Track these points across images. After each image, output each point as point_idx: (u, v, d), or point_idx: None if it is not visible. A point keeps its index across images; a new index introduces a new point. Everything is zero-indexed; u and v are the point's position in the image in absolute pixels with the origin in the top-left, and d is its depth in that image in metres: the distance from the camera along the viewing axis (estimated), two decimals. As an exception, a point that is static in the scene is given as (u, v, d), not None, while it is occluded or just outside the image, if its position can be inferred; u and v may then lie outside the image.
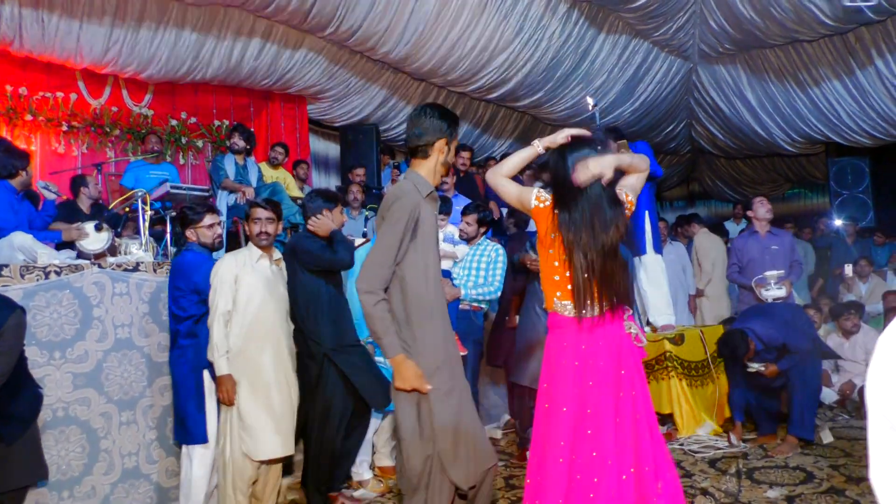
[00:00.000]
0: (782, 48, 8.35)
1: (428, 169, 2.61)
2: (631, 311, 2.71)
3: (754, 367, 4.48)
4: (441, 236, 4.50)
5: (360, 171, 7.25)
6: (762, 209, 5.53)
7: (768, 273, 5.14)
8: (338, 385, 3.70)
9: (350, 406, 3.76)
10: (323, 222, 3.76)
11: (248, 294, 3.48)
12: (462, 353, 4.29)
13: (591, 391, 2.54)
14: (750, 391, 4.76)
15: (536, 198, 2.63)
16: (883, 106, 8.18)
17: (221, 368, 3.37)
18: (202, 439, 3.47)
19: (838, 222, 9.03)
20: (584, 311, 2.55)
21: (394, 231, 2.43)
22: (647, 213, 5.28)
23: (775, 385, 4.65)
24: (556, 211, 2.58)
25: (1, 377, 2.74)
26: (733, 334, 4.60)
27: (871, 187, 9.49)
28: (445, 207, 4.64)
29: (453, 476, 2.46)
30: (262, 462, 3.47)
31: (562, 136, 2.60)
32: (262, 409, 3.43)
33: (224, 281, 3.44)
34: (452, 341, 2.63)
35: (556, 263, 2.59)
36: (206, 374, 3.50)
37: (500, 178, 2.69)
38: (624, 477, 2.48)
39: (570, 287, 2.55)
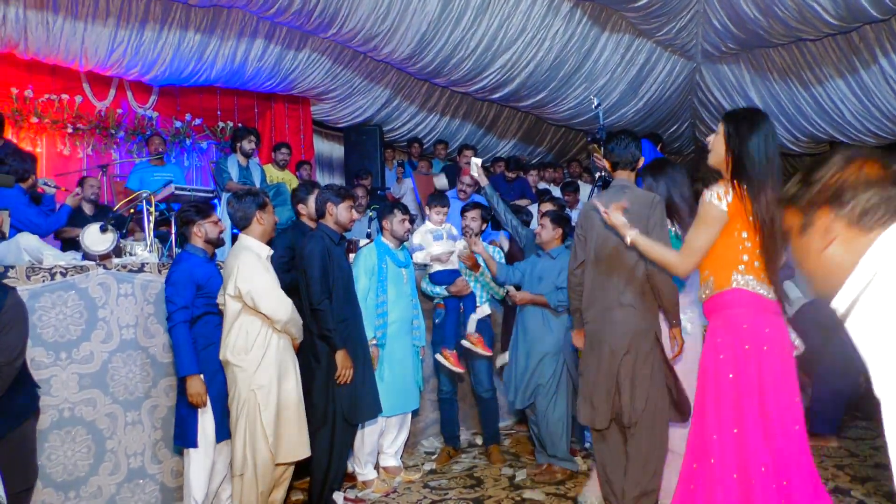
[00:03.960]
0: (786, 47, 8.33)
1: (634, 178, 3.43)
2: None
3: None
4: (444, 235, 4.52)
5: (367, 180, 7.33)
6: None
7: None
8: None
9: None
10: None
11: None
12: (488, 354, 4.40)
13: (770, 387, 2.38)
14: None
15: (717, 197, 2.52)
16: (887, 105, 8.15)
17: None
18: (192, 443, 3.44)
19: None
20: (769, 292, 2.45)
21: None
22: None
23: None
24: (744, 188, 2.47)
25: (19, 355, 2.91)
26: None
27: (876, 186, 9.45)
28: (443, 201, 4.65)
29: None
30: (286, 464, 3.47)
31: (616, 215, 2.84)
32: (289, 410, 3.43)
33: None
34: None
35: (747, 241, 2.47)
36: (201, 378, 3.44)
37: (689, 263, 2.60)
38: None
39: (756, 264, 2.45)
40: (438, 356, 4.45)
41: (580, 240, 3.48)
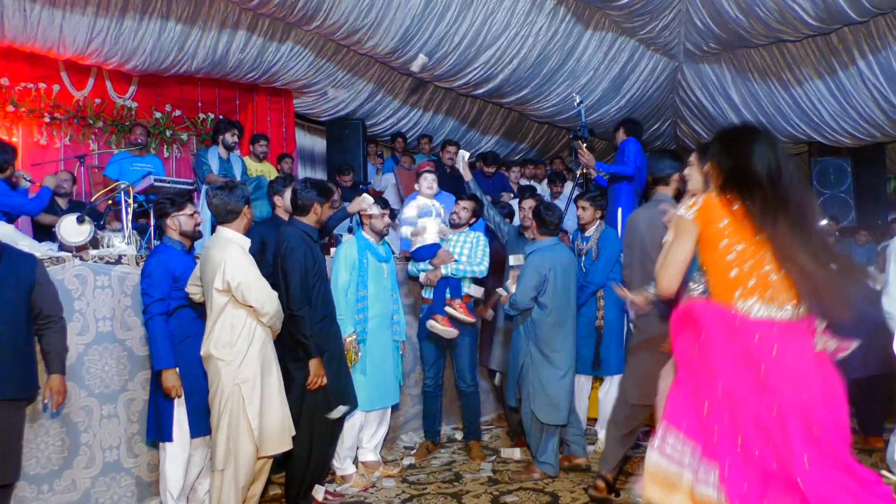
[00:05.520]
0: (766, 48, 8.41)
1: (672, 191, 3.78)
2: (823, 326, 2.36)
3: None
4: (433, 212, 4.56)
5: (349, 177, 7.28)
6: None
7: None
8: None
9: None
10: None
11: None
12: (472, 321, 4.52)
13: (775, 419, 2.18)
14: None
15: (688, 208, 2.43)
16: (864, 107, 8.26)
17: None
18: (167, 437, 3.42)
19: (821, 222, 9.10)
20: (779, 312, 2.28)
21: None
22: (619, 210, 5.34)
23: None
24: (732, 198, 2.33)
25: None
26: None
27: (852, 187, 9.57)
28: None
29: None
30: (265, 457, 3.43)
31: None
32: (272, 404, 3.39)
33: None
34: None
35: (731, 257, 2.32)
36: (177, 371, 3.42)
37: (662, 274, 2.46)
38: None
39: (751, 284, 2.29)
40: (431, 322, 4.42)
41: (627, 248, 3.90)
